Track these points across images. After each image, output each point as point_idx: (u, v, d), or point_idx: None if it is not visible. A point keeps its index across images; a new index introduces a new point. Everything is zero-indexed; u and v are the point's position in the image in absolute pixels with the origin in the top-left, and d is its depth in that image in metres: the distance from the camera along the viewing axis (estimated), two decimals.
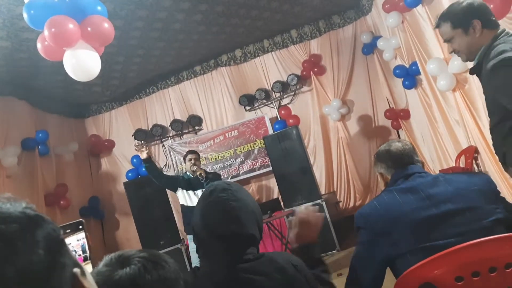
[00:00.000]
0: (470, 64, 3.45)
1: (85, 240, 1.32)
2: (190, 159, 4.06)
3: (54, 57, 2.47)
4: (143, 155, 3.85)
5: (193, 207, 3.37)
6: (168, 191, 5.25)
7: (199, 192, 3.93)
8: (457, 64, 3.82)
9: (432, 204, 1.37)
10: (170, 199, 5.47)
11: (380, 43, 5.59)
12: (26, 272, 0.43)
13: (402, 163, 1.53)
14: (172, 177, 4.36)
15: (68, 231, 1.33)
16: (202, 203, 1.21)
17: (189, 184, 3.99)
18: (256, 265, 1.13)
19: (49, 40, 2.37)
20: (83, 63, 2.38)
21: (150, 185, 5.21)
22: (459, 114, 4.03)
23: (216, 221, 1.15)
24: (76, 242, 1.33)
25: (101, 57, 2.76)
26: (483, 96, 1.83)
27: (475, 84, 3.64)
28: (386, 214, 1.40)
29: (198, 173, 3.96)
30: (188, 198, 3.98)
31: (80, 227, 1.32)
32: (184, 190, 4.00)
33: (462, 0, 1.74)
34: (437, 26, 1.82)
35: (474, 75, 1.85)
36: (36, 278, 0.44)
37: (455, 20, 1.74)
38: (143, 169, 4.51)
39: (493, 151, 3.37)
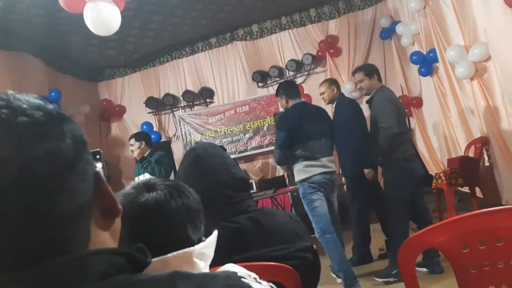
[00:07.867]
0: (493, 53, 3.42)
1: (101, 171, 1.33)
2: None
3: (75, 8, 2.46)
4: None
5: None
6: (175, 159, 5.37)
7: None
8: (478, 52, 3.74)
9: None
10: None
11: (399, 28, 5.50)
12: (54, 154, 0.43)
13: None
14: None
15: None
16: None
17: None
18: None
19: None
20: (103, 16, 2.38)
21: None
22: (475, 103, 3.97)
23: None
24: None
25: None
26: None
27: (496, 74, 3.57)
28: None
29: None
30: None
31: (98, 156, 1.33)
32: None
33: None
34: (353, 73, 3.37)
35: None
36: (62, 161, 0.44)
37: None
38: None
39: (506, 142, 3.38)
